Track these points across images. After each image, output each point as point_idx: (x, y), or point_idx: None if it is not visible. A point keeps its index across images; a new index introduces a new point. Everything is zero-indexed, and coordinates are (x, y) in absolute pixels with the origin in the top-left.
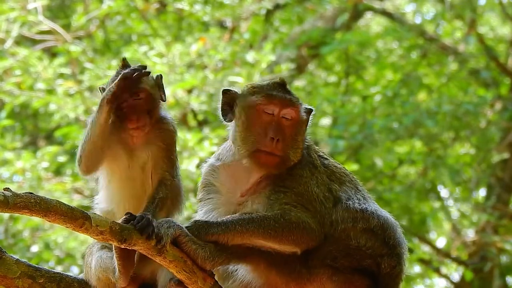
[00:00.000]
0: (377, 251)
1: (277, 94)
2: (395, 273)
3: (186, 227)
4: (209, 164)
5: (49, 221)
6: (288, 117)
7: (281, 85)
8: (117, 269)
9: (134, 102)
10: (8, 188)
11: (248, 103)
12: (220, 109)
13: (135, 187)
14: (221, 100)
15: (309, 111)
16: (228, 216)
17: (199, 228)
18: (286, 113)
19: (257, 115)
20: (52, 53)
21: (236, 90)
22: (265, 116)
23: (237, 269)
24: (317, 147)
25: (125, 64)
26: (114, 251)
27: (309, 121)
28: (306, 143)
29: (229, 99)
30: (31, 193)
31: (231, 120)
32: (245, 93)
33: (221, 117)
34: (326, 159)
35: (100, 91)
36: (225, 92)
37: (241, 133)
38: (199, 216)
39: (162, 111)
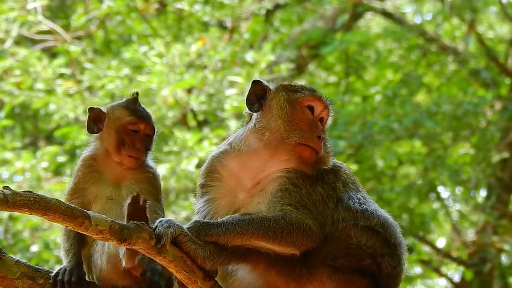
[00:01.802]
0: (378, 250)
1: (323, 96)
2: (396, 273)
3: (186, 228)
4: (221, 151)
5: (49, 220)
6: (325, 119)
7: (315, 90)
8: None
9: (143, 135)
10: (8, 186)
11: (293, 98)
12: (246, 98)
13: (121, 210)
14: (249, 89)
15: None
16: (228, 216)
17: (199, 229)
18: (324, 115)
19: (301, 111)
20: (51, 53)
21: (266, 83)
22: (308, 114)
23: (236, 269)
24: None
25: (135, 98)
26: None
27: None
28: None
29: (259, 90)
30: (30, 191)
31: (258, 110)
32: (283, 88)
33: (247, 106)
34: (332, 159)
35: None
36: (256, 82)
37: (284, 125)
38: (200, 204)
39: (149, 160)
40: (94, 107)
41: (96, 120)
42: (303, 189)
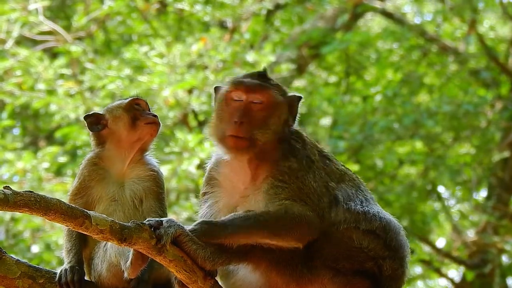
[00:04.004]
0: (379, 253)
1: (245, 80)
2: (397, 275)
3: (191, 230)
4: (214, 159)
5: (49, 220)
6: (257, 101)
7: (260, 74)
8: (130, 258)
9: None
10: (8, 186)
11: (219, 93)
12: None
13: (124, 212)
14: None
15: (293, 98)
16: (232, 215)
17: (204, 232)
18: (254, 98)
19: (226, 103)
20: (52, 54)
21: (219, 85)
22: (234, 103)
23: (238, 268)
24: (318, 144)
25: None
26: None
27: (295, 108)
28: (296, 134)
29: (216, 95)
30: (31, 191)
31: None
32: (218, 90)
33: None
34: (326, 156)
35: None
36: (216, 89)
37: (213, 124)
38: (203, 210)
39: (152, 158)
40: (89, 113)
41: (96, 122)
42: (292, 183)
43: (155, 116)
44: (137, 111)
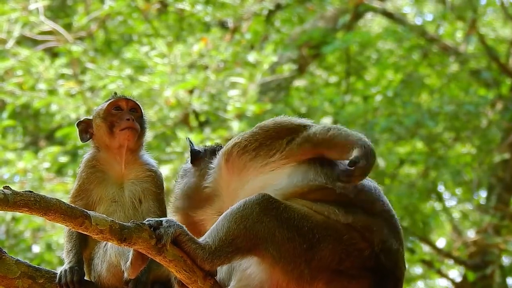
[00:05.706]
0: (365, 223)
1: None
2: (392, 249)
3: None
4: None
5: (49, 220)
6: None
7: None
8: (130, 258)
9: (128, 111)
10: (8, 186)
11: None
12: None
13: (124, 212)
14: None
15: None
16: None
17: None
18: None
19: None
20: (53, 54)
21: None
22: None
23: (241, 263)
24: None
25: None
26: None
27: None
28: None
29: None
30: (30, 191)
31: None
32: None
33: None
34: None
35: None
36: None
37: None
38: None
39: (150, 158)
40: (80, 120)
41: (86, 129)
42: None
43: (128, 119)
44: (114, 117)
